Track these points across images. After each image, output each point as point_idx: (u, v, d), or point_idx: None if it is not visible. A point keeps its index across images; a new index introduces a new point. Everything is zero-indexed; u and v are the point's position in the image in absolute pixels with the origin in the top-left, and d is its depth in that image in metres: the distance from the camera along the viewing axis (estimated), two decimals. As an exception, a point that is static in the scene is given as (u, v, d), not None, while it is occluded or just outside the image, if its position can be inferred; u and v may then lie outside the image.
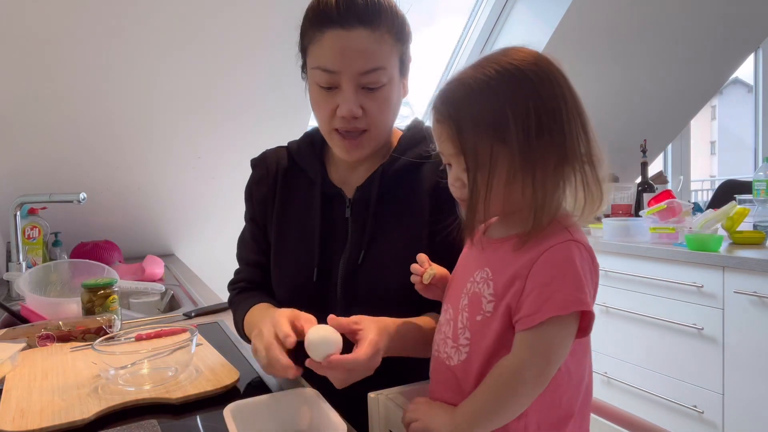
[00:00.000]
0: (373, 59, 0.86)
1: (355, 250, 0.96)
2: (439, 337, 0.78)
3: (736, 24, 3.03)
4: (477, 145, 0.68)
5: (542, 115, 0.67)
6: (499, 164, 0.68)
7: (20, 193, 1.77)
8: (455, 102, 0.70)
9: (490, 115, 0.67)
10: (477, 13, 2.64)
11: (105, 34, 1.75)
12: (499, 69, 0.68)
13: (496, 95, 0.67)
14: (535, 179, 0.67)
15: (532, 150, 0.67)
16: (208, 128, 2.19)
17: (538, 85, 0.67)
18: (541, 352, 0.65)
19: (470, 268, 0.75)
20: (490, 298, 0.69)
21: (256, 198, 1.06)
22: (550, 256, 0.66)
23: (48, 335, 1.10)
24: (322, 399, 0.74)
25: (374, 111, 0.90)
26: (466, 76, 0.70)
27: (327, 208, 0.99)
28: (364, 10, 0.85)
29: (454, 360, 0.73)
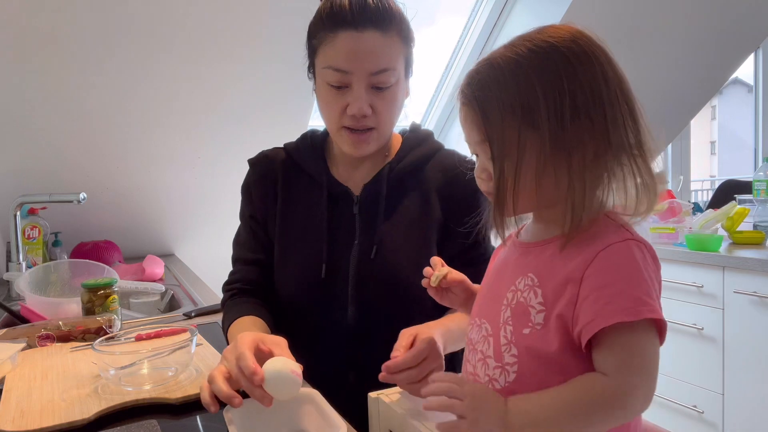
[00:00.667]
0: (383, 60, 0.89)
1: (365, 246, 0.97)
2: (475, 358, 0.68)
3: (736, 24, 3.03)
4: (504, 131, 0.61)
5: (578, 97, 0.59)
6: (527, 152, 0.60)
7: (20, 193, 1.77)
8: (481, 83, 0.63)
9: (518, 97, 0.60)
10: (477, 13, 2.64)
11: (106, 34, 1.75)
12: (532, 47, 0.61)
13: (525, 75, 0.60)
14: (572, 169, 0.60)
15: (567, 136, 0.59)
16: (208, 128, 2.19)
17: (574, 64, 0.60)
18: (635, 369, 0.55)
19: (509, 275, 0.67)
20: (539, 308, 0.61)
21: (257, 195, 1.06)
22: (607, 256, 0.58)
23: (48, 335, 1.10)
24: (322, 399, 0.74)
25: (382, 110, 0.93)
26: (496, 55, 0.64)
27: (332, 206, 1.00)
28: (376, 12, 0.88)
29: (500, 382, 0.63)
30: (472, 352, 0.69)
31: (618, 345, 0.56)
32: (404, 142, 1.04)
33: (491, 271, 0.74)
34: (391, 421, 0.76)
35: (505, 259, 0.71)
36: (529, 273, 0.64)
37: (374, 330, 0.86)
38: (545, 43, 0.61)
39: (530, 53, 0.61)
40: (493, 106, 0.62)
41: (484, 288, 0.74)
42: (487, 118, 0.62)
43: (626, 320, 0.55)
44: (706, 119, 13.77)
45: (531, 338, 0.61)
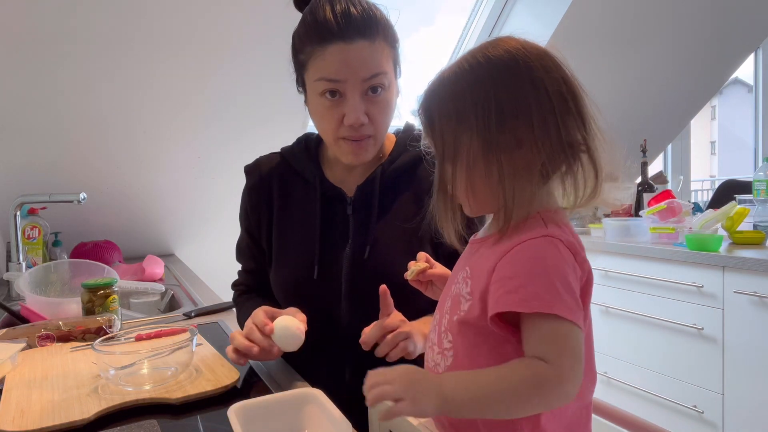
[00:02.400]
0: (374, 66, 0.90)
1: (359, 246, 0.98)
2: (427, 346, 0.75)
3: (736, 24, 3.03)
4: (443, 136, 0.68)
5: (505, 103, 0.64)
6: (462, 153, 0.67)
7: (20, 193, 1.77)
8: (428, 96, 0.71)
9: (453, 105, 0.67)
10: (477, 13, 2.65)
11: (106, 35, 1.75)
12: (471, 61, 0.68)
13: (460, 84, 0.67)
14: (501, 168, 0.65)
15: (495, 139, 0.64)
16: (208, 128, 2.19)
17: (503, 72, 0.66)
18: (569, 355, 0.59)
19: (457, 270, 0.74)
20: (467, 297, 0.67)
21: (250, 205, 1.08)
22: (519, 250, 0.63)
23: (48, 335, 1.10)
24: (325, 398, 0.74)
25: (378, 116, 0.94)
26: (445, 70, 0.71)
27: (325, 208, 1.02)
28: (362, 22, 0.89)
29: (441, 366, 0.69)
30: (427, 341, 0.76)
31: (547, 333, 0.59)
32: (397, 143, 1.05)
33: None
34: (391, 421, 0.76)
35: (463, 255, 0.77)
36: (467, 266, 0.70)
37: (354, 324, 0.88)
38: (482, 56, 0.67)
39: (468, 66, 0.68)
40: (436, 115, 0.69)
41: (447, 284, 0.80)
42: (432, 125, 0.70)
43: (517, 310, 0.60)
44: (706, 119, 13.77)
45: (459, 324, 0.67)
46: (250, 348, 0.86)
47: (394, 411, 0.61)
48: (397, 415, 0.61)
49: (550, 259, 0.62)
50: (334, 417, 0.69)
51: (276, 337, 0.85)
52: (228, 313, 1.40)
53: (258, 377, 0.94)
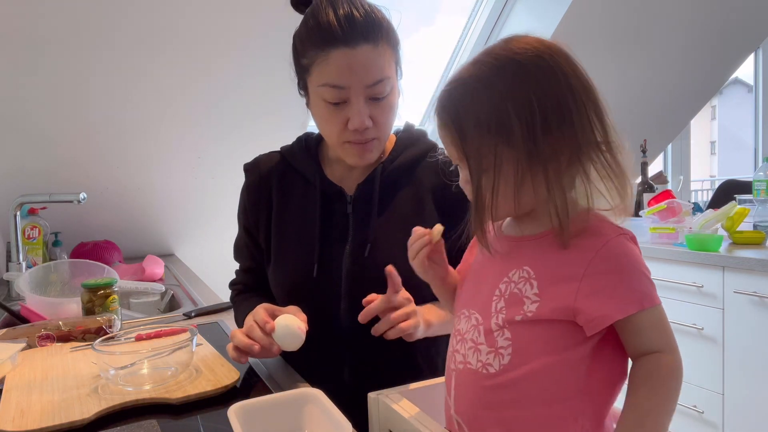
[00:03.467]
0: (378, 71, 0.90)
1: (359, 244, 0.98)
2: (465, 347, 0.70)
3: (736, 24, 3.03)
4: (480, 149, 0.65)
5: (548, 113, 0.63)
6: (504, 167, 0.64)
7: (20, 193, 1.77)
8: (455, 104, 0.67)
9: (492, 116, 0.63)
10: (477, 13, 2.64)
11: (106, 35, 1.75)
12: (498, 64, 0.65)
13: (498, 94, 0.63)
14: (549, 178, 0.64)
15: (540, 149, 0.63)
16: (208, 128, 2.19)
17: (541, 81, 0.63)
18: (673, 340, 0.64)
19: (500, 268, 0.70)
20: (534, 299, 0.65)
21: (249, 204, 1.08)
22: (606, 252, 0.63)
23: (48, 335, 1.10)
24: (325, 398, 0.74)
25: (382, 120, 0.94)
26: (466, 74, 0.67)
27: (325, 206, 1.01)
28: (365, 26, 0.88)
29: (494, 366, 0.66)
30: (461, 342, 0.72)
31: (656, 324, 0.63)
32: (398, 142, 1.05)
33: (476, 264, 0.77)
34: (391, 421, 0.76)
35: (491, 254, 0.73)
36: (525, 266, 0.67)
37: (367, 328, 0.87)
38: (510, 60, 0.64)
39: (497, 70, 0.64)
40: (469, 126, 0.65)
41: (471, 280, 0.76)
42: (464, 138, 0.66)
43: (639, 310, 0.61)
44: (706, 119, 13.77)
45: (523, 324, 0.65)
46: (251, 346, 0.85)
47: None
48: None
49: (635, 255, 0.64)
50: (334, 417, 0.69)
51: (277, 335, 0.85)
52: (228, 313, 1.40)
53: (258, 377, 0.94)
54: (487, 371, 0.67)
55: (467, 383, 0.70)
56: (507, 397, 0.66)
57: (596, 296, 0.62)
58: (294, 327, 0.85)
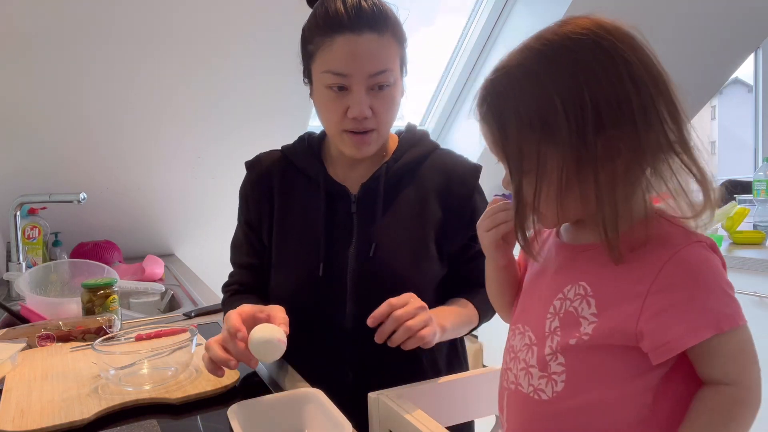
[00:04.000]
0: (381, 61, 0.90)
1: (363, 243, 0.98)
2: (517, 367, 0.65)
3: (736, 24, 3.03)
4: (521, 148, 0.57)
5: (602, 107, 0.54)
6: (548, 169, 0.56)
7: (20, 193, 1.77)
8: (496, 96, 0.59)
9: (535, 111, 0.55)
10: (477, 13, 2.64)
11: (106, 35, 1.75)
12: (546, 51, 0.56)
13: (543, 86, 0.55)
14: (599, 185, 0.55)
15: (591, 151, 0.54)
16: (208, 128, 2.19)
17: (596, 69, 0.54)
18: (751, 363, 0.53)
19: (554, 281, 0.63)
20: (591, 319, 0.57)
21: (252, 199, 1.07)
22: (676, 265, 0.53)
23: (48, 335, 1.10)
24: (325, 399, 0.74)
25: (382, 111, 0.93)
26: (511, 62, 0.58)
27: (329, 205, 1.01)
28: (372, 15, 0.89)
29: (546, 393, 0.60)
30: (513, 360, 0.66)
31: (734, 349, 0.53)
32: (401, 142, 1.05)
33: (531, 273, 0.69)
34: (391, 421, 0.76)
35: (545, 261, 0.66)
36: (581, 281, 0.60)
37: (371, 328, 0.87)
38: (561, 47, 0.56)
39: (546, 60, 0.56)
40: (510, 121, 0.57)
41: (526, 291, 0.69)
42: (504, 134, 0.58)
43: (715, 333, 0.52)
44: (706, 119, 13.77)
45: (579, 348, 0.58)
46: (227, 361, 0.78)
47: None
48: None
49: (713, 266, 0.54)
50: (334, 417, 0.69)
51: (253, 347, 0.76)
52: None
53: (258, 377, 0.93)
54: (539, 397, 0.61)
55: (519, 406, 0.65)
56: (560, 426, 0.60)
57: (663, 317, 0.53)
58: (273, 339, 0.76)
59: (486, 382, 0.94)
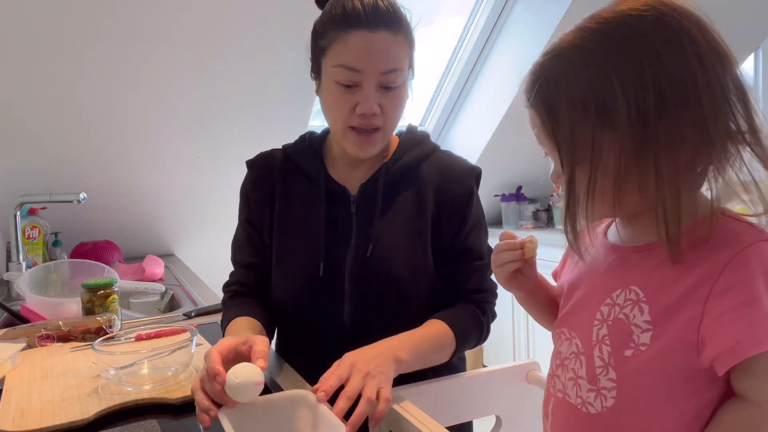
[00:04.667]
0: (393, 60, 0.91)
1: (362, 243, 0.98)
2: (565, 376, 0.61)
3: (736, 24, 3.03)
4: (574, 134, 0.52)
5: (666, 89, 0.49)
6: (604, 157, 0.51)
7: (20, 193, 1.77)
8: (546, 79, 0.54)
9: (590, 94, 0.51)
10: (477, 13, 2.64)
11: (106, 35, 1.75)
12: (604, 30, 0.51)
13: (599, 66, 0.50)
14: (660, 173, 0.50)
15: (653, 137, 0.49)
16: (208, 128, 2.19)
17: (659, 48, 0.49)
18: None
19: (601, 285, 0.59)
20: (645, 327, 0.53)
21: (253, 198, 1.06)
22: (741, 264, 0.48)
23: (48, 335, 1.10)
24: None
25: (390, 110, 0.94)
26: (564, 43, 0.53)
27: (329, 205, 1.01)
28: (387, 14, 0.90)
29: (595, 407, 0.57)
30: (560, 368, 0.63)
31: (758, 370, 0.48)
32: (401, 143, 1.05)
33: (577, 275, 0.65)
34: (391, 421, 0.76)
35: (592, 263, 0.61)
36: (632, 285, 0.55)
37: (370, 327, 0.86)
38: (620, 24, 0.50)
39: (603, 38, 0.51)
40: (562, 106, 0.52)
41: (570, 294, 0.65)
42: (555, 120, 0.53)
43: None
44: (706, 119, 13.76)
45: (635, 361, 0.53)
46: (208, 410, 0.70)
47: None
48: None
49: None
50: (327, 418, 0.69)
51: (229, 391, 0.70)
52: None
53: (258, 377, 0.93)
54: (587, 410, 0.58)
55: (565, 416, 0.61)
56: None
57: (724, 320, 0.48)
58: (248, 382, 0.70)
59: (486, 382, 0.95)
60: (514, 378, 0.95)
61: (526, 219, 2.98)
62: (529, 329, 2.79)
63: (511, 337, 2.90)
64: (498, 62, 2.69)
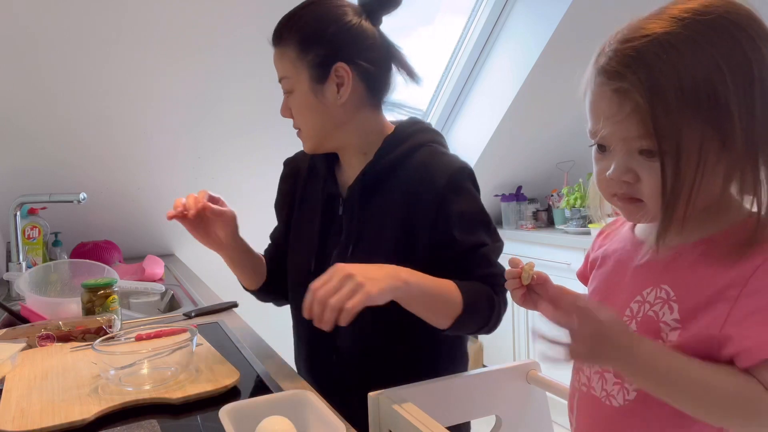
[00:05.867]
0: (280, 70, 1.01)
1: (344, 245, 1.03)
2: (591, 370, 0.62)
3: (736, 24, 3.04)
4: (682, 126, 0.49)
5: (766, 81, 0.49)
6: (712, 152, 0.50)
7: (20, 193, 1.77)
8: (647, 63, 0.50)
9: (703, 85, 0.48)
10: (477, 13, 2.64)
11: (105, 36, 1.75)
12: (702, 19, 0.49)
13: (710, 57, 0.48)
14: (759, 170, 0.50)
15: (757, 130, 0.49)
16: (207, 128, 2.19)
17: (758, 43, 0.49)
18: None
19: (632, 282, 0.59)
20: (674, 325, 0.53)
21: (282, 191, 1.19)
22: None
23: (48, 335, 1.10)
24: (317, 399, 0.74)
25: (294, 113, 1.02)
26: (657, 29, 0.50)
27: (328, 207, 1.08)
28: (274, 33, 1.01)
29: (617, 400, 0.58)
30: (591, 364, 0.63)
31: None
32: (385, 142, 1.02)
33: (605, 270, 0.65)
34: (391, 421, 0.76)
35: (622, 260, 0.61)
36: (663, 284, 0.55)
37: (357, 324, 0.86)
38: (724, 19, 0.49)
39: (706, 28, 0.49)
40: (669, 93, 0.49)
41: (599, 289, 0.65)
42: (657, 110, 0.49)
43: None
44: (706, 119, 13.76)
45: None
46: (180, 209, 0.99)
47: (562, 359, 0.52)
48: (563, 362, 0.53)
49: None
50: (327, 418, 0.69)
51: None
52: (228, 313, 1.40)
53: (258, 377, 0.94)
54: (610, 403, 0.59)
55: (589, 409, 0.63)
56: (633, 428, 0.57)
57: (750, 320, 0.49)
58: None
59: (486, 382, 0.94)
60: (514, 378, 0.95)
61: (526, 219, 2.98)
62: (529, 329, 2.80)
63: (511, 337, 2.90)
64: (498, 62, 2.69)
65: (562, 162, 2.95)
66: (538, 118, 2.72)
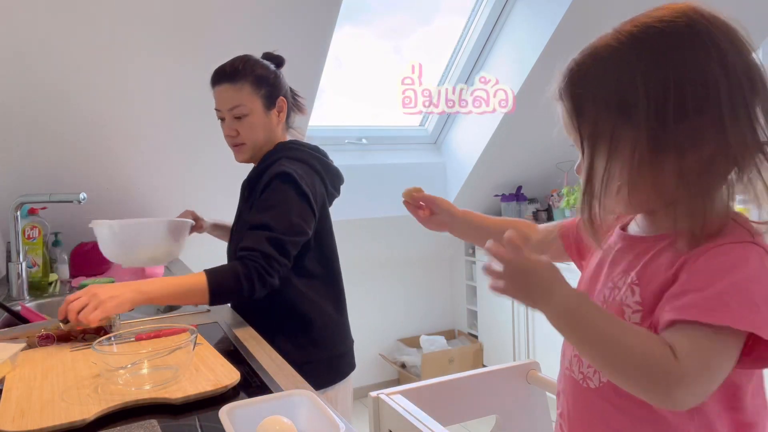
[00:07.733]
0: (234, 100, 1.32)
1: (236, 220, 1.41)
2: (571, 353, 0.65)
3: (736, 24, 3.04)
4: (597, 127, 0.55)
5: (687, 91, 0.51)
6: (620, 150, 0.54)
7: (20, 193, 1.77)
8: (576, 74, 0.58)
9: (615, 91, 0.54)
10: (477, 13, 2.64)
11: (105, 35, 1.75)
12: (636, 32, 0.54)
13: (627, 65, 0.53)
14: (683, 171, 0.52)
15: (670, 137, 0.52)
16: (207, 128, 2.18)
17: (684, 51, 0.52)
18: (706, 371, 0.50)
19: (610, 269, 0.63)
20: (636, 308, 0.56)
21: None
22: (714, 254, 0.51)
23: (48, 335, 1.10)
24: (317, 400, 0.74)
25: (243, 132, 1.34)
26: (600, 42, 0.57)
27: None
28: (229, 73, 1.33)
29: (593, 382, 0.61)
30: (568, 347, 0.66)
31: (696, 349, 0.50)
32: (266, 155, 1.33)
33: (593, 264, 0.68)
34: (391, 421, 0.76)
35: (607, 249, 0.65)
36: (631, 271, 0.59)
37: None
38: (651, 28, 0.53)
39: (633, 39, 0.54)
40: (588, 99, 0.56)
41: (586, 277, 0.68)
42: (580, 112, 0.57)
43: (693, 320, 0.49)
44: (706, 119, 13.76)
45: None
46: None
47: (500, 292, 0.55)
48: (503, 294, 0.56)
49: (749, 267, 0.51)
50: (325, 418, 0.69)
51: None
52: (228, 312, 1.40)
53: (258, 377, 0.94)
54: (587, 385, 0.61)
55: (570, 391, 0.65)
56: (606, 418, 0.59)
57: (673, 299, 0.52)
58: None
59: (486, 382, 0.95)
60: (514, 378, 0.95)
61: (526, 219, 2.99)
62: (529, 329, 2.80)
63: (511, 337, 2.90)
64: (498, 62, 2.69)
65: (562, 162, 2.96)
66: (538, 118, 2.72)
